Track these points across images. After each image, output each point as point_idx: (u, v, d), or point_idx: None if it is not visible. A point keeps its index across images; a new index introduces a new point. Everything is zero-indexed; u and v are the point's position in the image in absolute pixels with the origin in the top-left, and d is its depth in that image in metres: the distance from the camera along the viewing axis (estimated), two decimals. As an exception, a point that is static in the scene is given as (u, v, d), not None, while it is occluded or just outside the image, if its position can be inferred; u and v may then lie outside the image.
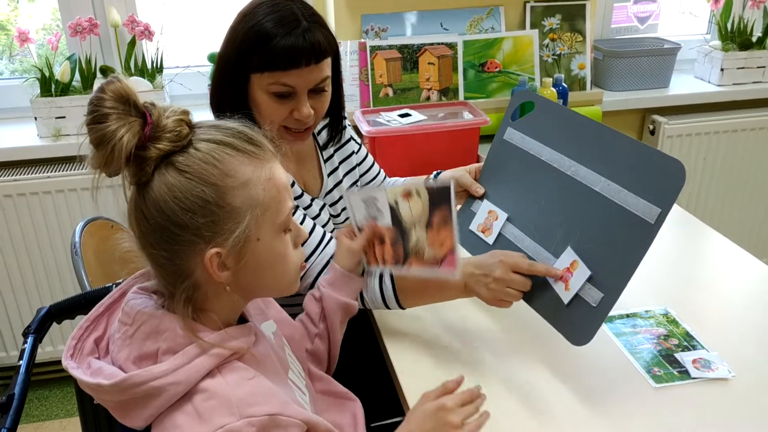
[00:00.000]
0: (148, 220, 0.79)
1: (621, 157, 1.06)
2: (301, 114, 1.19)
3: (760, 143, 2.45)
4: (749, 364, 1.15)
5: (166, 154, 0.78)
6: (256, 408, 0.78)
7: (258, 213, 0.81)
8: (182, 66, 2.10)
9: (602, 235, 1.04)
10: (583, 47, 2.21)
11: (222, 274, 0.81)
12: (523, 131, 1.24)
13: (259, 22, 1.14)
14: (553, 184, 1.15)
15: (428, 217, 1.10)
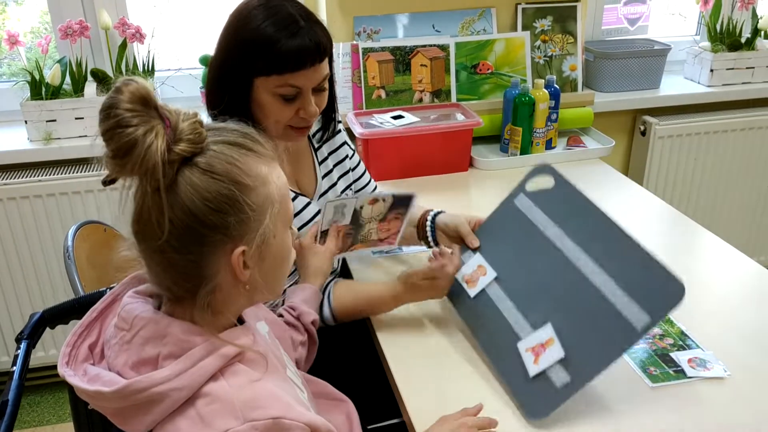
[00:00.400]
0: (174, 224, 0.77)
1: (626, 258, 1.06)
2: (307, 113, 1.21)
3: (749, 143, 2.46)
4: (744, 362, 1.15)
5: (187, 156, 0.77)
6: (260, 411, 0.78)
7: (275, 210, 0.82)
8: (174, 69, 2.09)
9: (585, 324, 1.04)
10: (575, 49, 2.21)
11: (245, 272, 0.81)
12: (534, 202, 1.25)
13: (258, 26, 1.13)
14: (550, 261, 1.15)
15: (384, 214, 1.32)
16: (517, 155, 2.02)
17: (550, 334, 1.06)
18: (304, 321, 1.18)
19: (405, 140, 1.88)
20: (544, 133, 2.04)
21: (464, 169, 1.98)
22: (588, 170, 2.00)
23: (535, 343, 1.08)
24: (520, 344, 1.09)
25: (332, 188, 1.40)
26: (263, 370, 0.84)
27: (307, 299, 1.22)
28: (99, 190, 1.99)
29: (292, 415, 0.80)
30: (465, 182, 1.94)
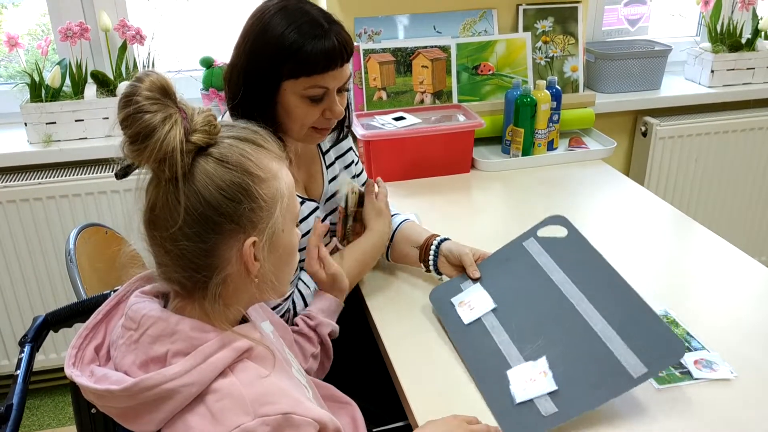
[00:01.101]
0: (188, 212, 0.79)
1: (630, 313, 1.08)
2: (334, 113, 1.23)
3: (750, 144, 2.46)
4: (750, 363, 1.15)
5: (202, 146, 0.80)
6: (270, 407, 0.78)
7: (284, 204, 0.84)
8: (174, 70, 2.09)
9: (581, 364, 1.04)
10: (576, 50, 2.21)
11: (255, 264, 0.83)
12: (544, 247, 1.26)
13: (284, 32, 1.14)
14: (552, 303, 1.16)
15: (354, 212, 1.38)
16: (519, 156, 2.02)
17: (543, 368, 1.06)
18: (320, 332, 1.19)
19: (406, 142, 1.88)
20: (545, 135, 2.03)
21: (466, 171, 1.98)
22: (590, 171, 2.00)
23: (526, 372, 1.07)
24: (510, 371, 1.08)
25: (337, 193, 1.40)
26: (271, 367, 0.84)
27: (326, 309, 1.22)
28: (99, 192, 1.98)
29: (302, 410, 0.81)
30: (467, 184, 1.93)
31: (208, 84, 2.03)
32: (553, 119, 2.05)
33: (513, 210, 1.78)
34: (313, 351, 1.18)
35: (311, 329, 1.19)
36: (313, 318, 1.20)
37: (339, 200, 1.37)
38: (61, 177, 1.97)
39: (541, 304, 1.16)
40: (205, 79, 2.04)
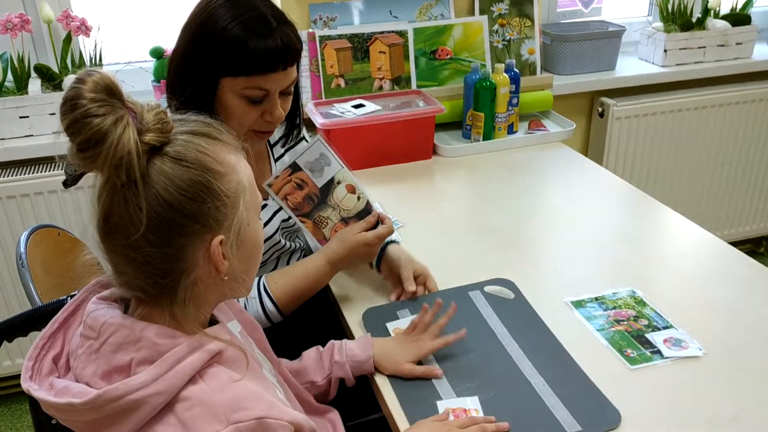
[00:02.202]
0: (150, 217, 0.74)
1: (569, 377, 1.08)
2: (273, 117, 1.18)
3: (703, 121, 2.51)
4: (717, 339, 1.17)
5: (156, 146, 0.75)
6: (243, 413, 0.75)
7: (247, 197, 0.81)
8: (123, 62, 2.01)
9: (514, 411, 1.01)
10: (532, 32, 2.21)
11: (225, 262, 0.79)
12: (489, 302, 1.26)
13: (227, 25, 1.09)
14: (491, 351, 1.14)
15: (350, 216, 1.28)
16: (480, 141, 2.01)
17: (475, 406, 1.02)
18: (333, 371, 1.12)
19: (367, 129, 1.85)
20: (505, 118, 2.03)
21: (428, 157, 1.96)
22: (550, 153, 2.01)
23: (457, 406, 1.03)
24: (440, 402, 1.04)
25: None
26: (243, 370, 0.82)
27: (357, 362, 1.12)
28: (49, 191, 1.90)
29: (276, 413, 0.78)
30: (429, 170, 1.92)
31: (159, 75, 1.96)
32: (512, 102, 2.04)
33: (476, 195, 1.78)
34: (316, 380, 1.11)
35: (331, 361, 1.12)
36: (342, 355, 1.12)
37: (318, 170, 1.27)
38: (7, 177, 1.88)
39: (479, 349, 1.14)
40: (155, 71, 1.97)
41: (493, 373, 1.09)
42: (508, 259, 1.43)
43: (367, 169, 1.89)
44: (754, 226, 2.80)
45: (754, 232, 2.82)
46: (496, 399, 1.04)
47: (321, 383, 1.12)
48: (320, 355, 1.14)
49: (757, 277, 1.37)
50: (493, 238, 1.51)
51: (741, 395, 1.05)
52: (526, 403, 1.03)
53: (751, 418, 1.00)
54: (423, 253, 1.41)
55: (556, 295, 1.30)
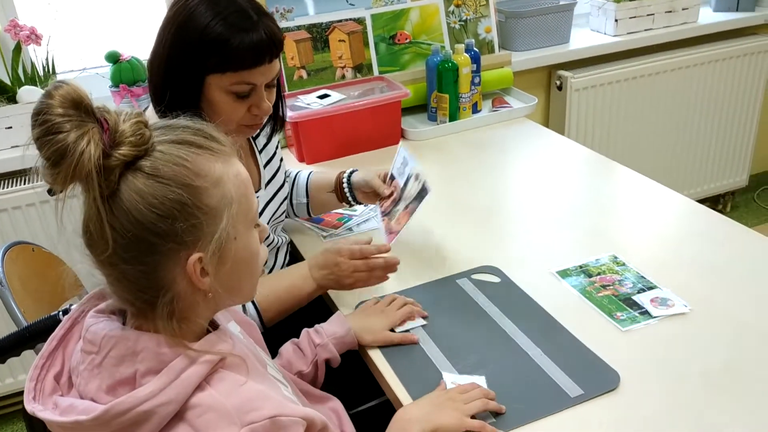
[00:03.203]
0: (121, 234, 0.72)
1: (564, 345, 1.10)
2: (261, 110, 1.17)
3: (657, 86, 2.57)
4: (700, 295, 1.21)
5: (130, 160, 0.72)
6: (255, 413, 0.75)
7: (234, 210, 0.77)
8: (78, 69, 1.95)
9: (515, 383, 1.04)
10: (487, 10, 2.22)
11: (204, 280, 0.76)
12: (478, 287, 1.27)
13: (209, 22, 1.07)
14: (486, 329, 1.16)
15: (409, 201, 1.32)
16: (446, 122, 2.03)
17: (480, 381, 1.04)
18: (318, 354, 1.13)
19: (335, 119, 1.84)
20: (469, 98, 2.04)
21: (397, 142, 1.97)
22: (516, 129, 2.03)
23: (462, 380, 1.04)
24: (446, 375, 1.05)
25: (276, 175, 1.37)
26: (246, 373, 0.81)
27: (338, 338, 1.14)
28: (13, 208, 1.84)
29: (288, 411, 0.78)
30: (399, 155, 1.92)
31: (117, 80, 1.92)
32: (474, 82, 2.06)
33: (448, 177, 1.79)
34: (303, 369, 1.11)
35: (312, 346, 1.13)
36: (321, 336, 1.13)
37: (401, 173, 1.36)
38: (-34, 196, 1.82)
39: (473, 329, 1.16)
40: (113, 76, 1.92)
41: (491, 349, 1.11)
42: (489, 239, 1.45)
43: (337, 159, 1.89)
44: (711, 184, 2.89)
45: (711, 190, 2.91)
46: (497, 372, 1.06)
47: (307, 371, 1.12)
48: (298, 345, 1.14)
49: (728, 232, 1.42)
50: (472, 219, 1.53)
51: (729, 346, 1.09)
52: (528, 374, 1.05)
53: (740, 368, 1.04)
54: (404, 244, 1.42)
55: (541, 268, 1.32)
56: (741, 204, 3.10)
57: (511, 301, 1.22)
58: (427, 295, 1.26)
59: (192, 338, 0.80)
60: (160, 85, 1.14)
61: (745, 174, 2.94)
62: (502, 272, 1.31)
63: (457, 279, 1.30)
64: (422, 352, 1.12)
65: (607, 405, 0.99)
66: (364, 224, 1.54)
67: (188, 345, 0.77)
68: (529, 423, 0.97)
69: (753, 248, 1.35)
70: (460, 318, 1.19)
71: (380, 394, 1.13)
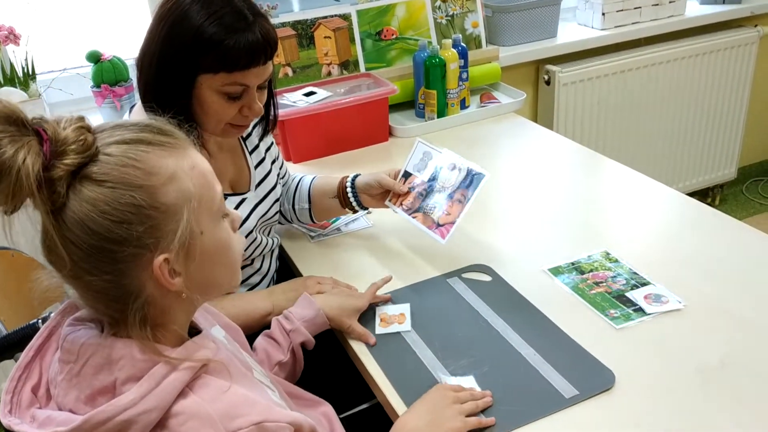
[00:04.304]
0: (78, 246, 0.69)
1: (557, 345, 1.09)
2: (253, 111, 1.14)
3: (645, 80, 2.56)
4: (694, 290, 1.19)
5: (75, 168, 0.68)
6: (240, 420, 0.73)
7: (194, 205, 0.74)
8: (58, 69, 1.91)
9: (510, 384, 1.02)
10: (474, 5, 2.20)
11: (175, 280, 0.73)
12: (468, 285, 1.25)
13: (203, 22, 1.04)
14: (477, 329, 1.14)
15: (453, 190, 1.29)
16: (434, 119, 2.00)
17: (471, 384, 1.02)
18: (293, 339, 1.11)
19: (322, 117, 1.82)
20: (457, 94, 2.02)
21: (385, 139, 1.95)
22: (504, 125, 2.02)
23: (455, 384, 1.02)
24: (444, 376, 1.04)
25: (267, 176, 1.34)
26: (230, 378, 0.78)
27: (309, 320, 1.13)
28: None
29: (274, 416, 0.76)
30: (387, 152, 1.90)
31: (99, 80, 1.88)
32: (462, 77, 2.04)
33: (439, 173, 1.77)
34: (281, 359, 1.10)
35: (285, 333, 1.12)
36: (291, 321, 1.13)
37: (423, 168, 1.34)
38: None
39: (465, 329, 1.14)
40: (94, 76, 1.88)
41: (483, 350, 1.09)
42: (480, 237, 1.43)
43: (325, 158, 1.86)
44: (700, 178, 2.89)
45: (700, 184, 2.91)
46: (491, 374, 1.04)
47: (286, 359, 1.11)
48: (270, 336, 1.13)
49: (719, 226, 1.40)
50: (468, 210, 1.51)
51: (724, 342, 1.07)
52: (521, 374, 1.03)
53: (737, 363, 1.03)
54: (393, 242, 1.41)
55: (532, 265, 1.30)
56: (730, 197, 3.11)
57: (503, 300, 1.20)
58: (417, 296, 1.24)
59: (173, 344, 0.77)
60: (150, 83, 1.11)
61: (733, 167, 2.94)
62: (494, 270, 1.29)
63: (448, 278, 1.28)
64: (413, 355, 1.10)
65: (603, 405, 0.98)
66: (353, 224, 1.51)
67: (167, 352, 0.74)
68: (524, 425, 0.95)
69: (745, 241, 1.34)
70: (452, 318, 1.17)
71: (371, 396, 1.11)
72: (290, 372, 1.12)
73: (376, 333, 1.15)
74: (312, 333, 1.13)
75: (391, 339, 1.14)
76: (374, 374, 1.07)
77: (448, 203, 1.29)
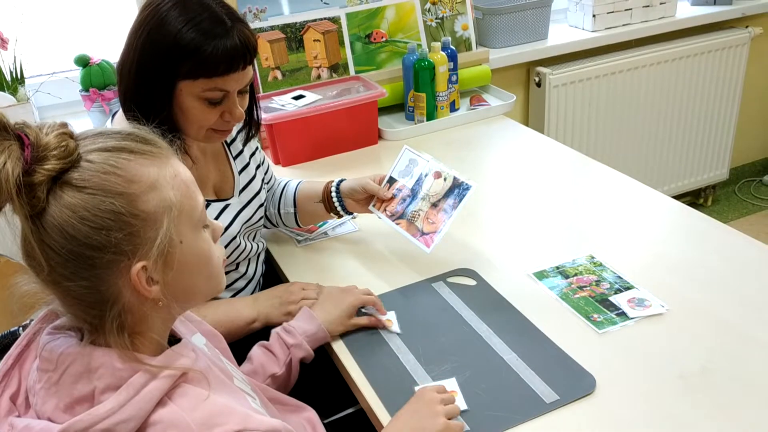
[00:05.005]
0: (56, 252, 0.70)
1: (540, 349, 1.09)
2: (234, 116, 1.14)
3: (636, 81, 2.57)
4: (677, 294, 1.19)
5: (56, 174, 0.69)
6: (219, 429, 0.73)
7: (175, 214, 0.74)
8: (47, 73, 1.91)
9: (491, 389, 1.02)
10: (464, 8, 2.20)
11: (152, 288, 0.74)
12: (453, 290, 1.25)
13: (181, 28, 1.04)
14: (460, 334, 1.14)
15: (438, 199, 1.30)
16: (424, 122, 2.01)
17: (454, 387, 1.02)
18: (293, 354, 1.11)
19: (310, 120, 1.82)
20: (447, 96, 2.02)
21: (374, 143, 1.95)
22: (494, 127, 2.02)
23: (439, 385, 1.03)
24: (418, 387, 1.03)
25: (252, 182, 1.34)
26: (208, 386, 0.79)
27: (311, 335, 1.13)
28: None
29: (253, 424, 0.76)
30: (377, 155, 1.90)
31: (87, 84, 1.88)
32: (452, 80, 2.04)
33: (427, 176, 1.77)
34: (275, 372, 1.10)
35: (285, 347, 1.11)
36: (294, 336, 1.12)
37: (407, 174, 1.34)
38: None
39: (449, 334, 1.14)
40: (83, 80, 1.88)
41: (466, 355, 1.09)
42: (466, 241, 1.43)
43: (314, 161, 1.86)
44: (692, 179, 2.89)
45: (692, 185, 2.91)
46: (473, 379, 1.04)
47: (280, 372, 1.10)
48: (268, 348, 1.12)
49: (705, 230, 1.41)
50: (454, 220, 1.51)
51: (706, 347, 1.08)
52: (503, 379, 1.04)
53: (718, 369, 1.03)
54: (379, 247, 1.41)
55: (517, 269, 1.31)
56: (722, 197, 3.11)
57: (487, 305, 1.21)
58: (401, 300, 1.24)
59: (152, 353, 0.78)
60: (130, 90, 1.11)
61: (725, 167, 2.95)
62: (478, 275, 1.29)
63: (433, 283, 1.28)
64: (396, 360, 1.10)
65: (583, 410, 0.98)
66: (339, 228, 1.51)
67: (145, 360, 0.75)
68: (505, 430, 0.95)
69: (731, 245, 1.34)
70: (436, 323, 1.17)
71: (355, 402, 1.11)
72: (283, 385, 1.12)
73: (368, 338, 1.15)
74: (313, 348, 1.13)
75: (375, 343, 1.14)
76: (357, 379, 1.07)
77: (432, 211, 1.30)
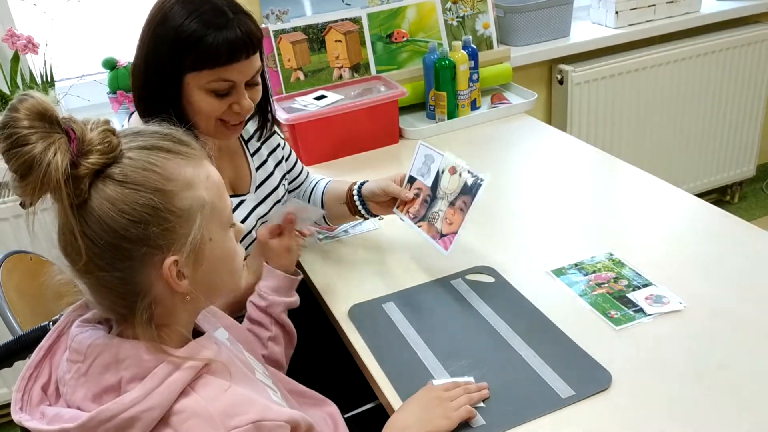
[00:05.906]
0: (95, 242, 0.73)
1: (556, 345, 1.10)
2: (242, 107, 1.16)
3: (660, 79, 2.54)
4: (695, 292, 1.19)
5: (99, 168, 0.73)
6: (239, 418, 0.76)
7: (207, 212, 0.79)
8: (76, 76, 1.96)
9: (508, 385, 1.03)
10: (485, 6, 2.21)
11: (182, 282, 0.77)
12: (471, 287, 1.26)
13: (184, 21, 1.08)
14: (478, 330, 1.15)
15: (455, 197, 1.26)
16: (445, 120, 2.02)
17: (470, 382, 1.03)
18: (272, 312, 1.14)
19: (332, 120, 1.84)
20: (468, 95, 2.03)
21: (395, 142, 1.96)
22: (515, 125, 2.02)
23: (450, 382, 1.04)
24: (434, 381, 1.04)
25: (269, 178, 1.36)
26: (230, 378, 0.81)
27: (278, 288, 1.16)
28: (14, 216, 1.86)
29: (271, 415, 0.79)
30: (397, 155, 1.92)
31: (115, 87, 1.92)
32: (472, 78, 2.05)
33: (447, 174, 1.78)
34: (269, 334, 1.13)
35: (263, 312, 1.14)
36: (264, 298, 1.15)
37: (426, 172, 1.32)
38: (-32, 205, 1.83)
39: (467, 330, 1.16)
40: (110, 82, 1.93)
41: (483, 351, 1.11)
42: (485, 238, 1.43)
43: (335, 160, 1.89)
44: (718, 176, 2.86)
45: (718, 182, 2.88)
46: (489, 374, 1.05)
47: (274, 333, 1.13)
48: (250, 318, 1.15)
49: (726, 228, 1.40)
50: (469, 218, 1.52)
51: (724, 344, 1.07)
52: (519, 375, 1.05)
53: (736, 365, 1.03)
54: (399, 245, 1.42)
55: (536, 266, 1.31)
56: (749, 194, 3.07)
57: (505, 302, 1.22)
58: (421, 297, 1.25)
59: (177, 345, 0.81)
60: (141, 88, 1.15)
61: (752, 164, 2.91)
62: (497, 272, 1.30)
63: (452, 280, 1.29)
64: (415, 357, 1.12)
65: (599, 405, 0.98)
66: (360, 225, 1.53)
67: (170, 351, 0.78)
68: (520, 425, 0.96)
69: (751, 242, 1.33)
70: (454, 320, 1.19)
71: (376, 396, 1.13)
72: (286, 340, 1.15)
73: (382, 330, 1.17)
74: (287, 295, 1.16)
75: (394, 339, 1.16)
76: (375, 374, 1.09)
77: (450, 211, 1.28)
